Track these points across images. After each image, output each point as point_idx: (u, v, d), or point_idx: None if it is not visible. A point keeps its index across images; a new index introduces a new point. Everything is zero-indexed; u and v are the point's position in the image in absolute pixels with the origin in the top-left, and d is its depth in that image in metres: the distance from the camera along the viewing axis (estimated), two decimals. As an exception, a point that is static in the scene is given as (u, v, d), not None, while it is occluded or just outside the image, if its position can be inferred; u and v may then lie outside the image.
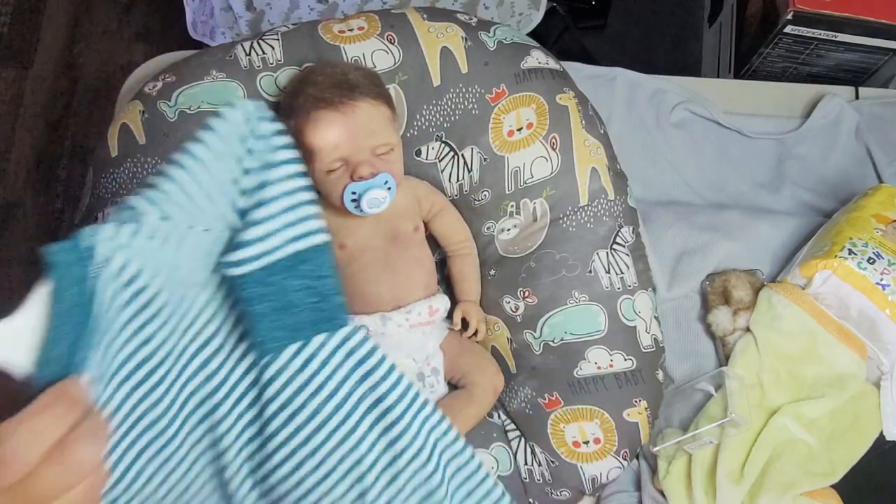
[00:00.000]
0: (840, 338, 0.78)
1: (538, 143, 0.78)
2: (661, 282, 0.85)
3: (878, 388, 0.78)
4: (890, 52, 1.05)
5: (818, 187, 0.96)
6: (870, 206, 0.82)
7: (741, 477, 0.75)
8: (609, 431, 0.75)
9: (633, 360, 0.76)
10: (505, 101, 0.78)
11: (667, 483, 0.78)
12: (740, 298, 0.82)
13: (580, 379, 0.75)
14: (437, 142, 0.81)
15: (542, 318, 0.77)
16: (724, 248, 0.86)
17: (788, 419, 0.76)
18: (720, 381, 0.79)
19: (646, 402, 0.76)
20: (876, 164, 0.97)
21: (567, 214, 0.77)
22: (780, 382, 0.78)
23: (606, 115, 0.89)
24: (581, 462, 0.75)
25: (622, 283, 0.76)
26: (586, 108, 0.80)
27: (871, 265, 0.76)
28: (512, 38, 0.80)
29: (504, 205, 0.79)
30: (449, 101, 0.79)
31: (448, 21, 0.80)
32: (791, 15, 1.01)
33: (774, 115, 1.00)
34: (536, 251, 0.78)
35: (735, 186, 0.96)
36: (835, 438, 0.76)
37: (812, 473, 0.75)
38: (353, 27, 0.79)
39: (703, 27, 1.34)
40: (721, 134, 0.98)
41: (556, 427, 0.76)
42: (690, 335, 0.85)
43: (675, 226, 0.88)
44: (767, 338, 0.79)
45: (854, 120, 0.98)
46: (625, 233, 0.78)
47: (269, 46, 0.79)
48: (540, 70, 0.79)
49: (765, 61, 1.12)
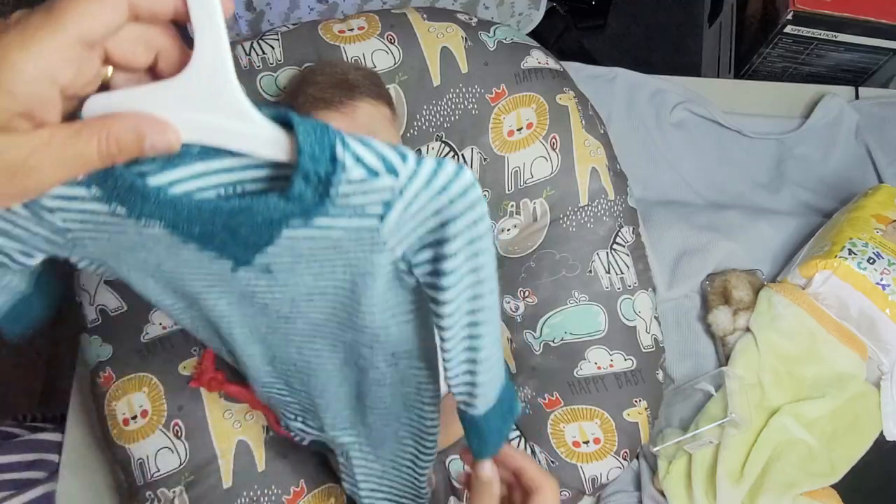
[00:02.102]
0: (840, 338, 0.78)
1: (538, 143, 0.78)
2: (661, 282, 0.85)
3: (878, 388, 0.78)
4: (890, 52, 1.05)
5: (818, 187, 0.96)
6: (870, 206, 0.82)
7: (741, 477, 0.75)
8: (609, 431, 0.75)
9: (633, 360, 0.76)
10: (505, 101, 0.78)
11: (667, 483, 0.78)
12: (740, 298, 0.82)
13: (580, 379, 0.75)
14: (437, 142, 0.81)
15: (543, 318, 0.77)
16: (724, 248, 0.86)
17: (788, 419, 0.76)
18: (720, 381, 0.79)
19: (646, 402, 0.76)
20: (876, 164, 0.97)
21: (567, 214, 0.77)
22: (780, 382, 0.78)
23: (606, 115, 0.89)
24: (581, 462, 0.75)
25: (622, 283, 0.76)
26: (586, 108, 0.80)
27: (871, 265, 0.76)
28: (512, 38, 0.80)
29: (504, 205, 0.79)
30: (449, 101, 0.79)
31: (448, 21, 0.80)
32: (791, 15, 1.01)
33: (774, 115, 1.00)
34: (536, 251, 0.78)
35: (735, 186, 0.96)
36: (835, 438, 0.76)
37: (812, 473, 0.75)
38: (353, 27, 0.79)
39: (703, 27, 1.34)
40: (721, 134, 0.98)
41: (556, 427, 0.76)
42: (690, 335, 0.85)
43: (675, 226, 0.88)
44: (767, 338, 0.79)
45: (854, 120, 0.98)
46: (625, 233, 0.78)
47: (269, 46, 0.79)
48: (540, 70, 0.79)
49: (765, 61, 1.12)
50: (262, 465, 0.74)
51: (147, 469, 0.72)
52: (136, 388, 0.74)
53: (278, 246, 0.43)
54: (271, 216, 0.41)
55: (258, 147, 0.39)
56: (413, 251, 0.43)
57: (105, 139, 0.35)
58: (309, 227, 0.41)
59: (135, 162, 0.39)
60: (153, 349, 0.75)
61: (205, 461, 0.73)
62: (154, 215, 0.41)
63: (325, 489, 0.75)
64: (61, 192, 0.40)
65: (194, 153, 0.39)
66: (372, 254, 0.44)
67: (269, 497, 0.73)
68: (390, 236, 0.42)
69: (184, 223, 0.41)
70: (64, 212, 0.41)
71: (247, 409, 0.75)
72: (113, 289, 0.76)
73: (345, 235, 0.42)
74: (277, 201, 0.40)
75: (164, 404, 0.73)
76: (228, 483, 0.73)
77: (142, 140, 0.36)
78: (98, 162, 0.36)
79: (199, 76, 0.36)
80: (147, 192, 0.40)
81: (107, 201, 0.40)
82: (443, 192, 0.40)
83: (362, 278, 0.45)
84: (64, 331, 1.56)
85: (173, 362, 0.75)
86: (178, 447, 0.73)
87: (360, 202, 0.40)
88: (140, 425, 0.73)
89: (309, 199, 0.40)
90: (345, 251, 0.44)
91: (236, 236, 0.42)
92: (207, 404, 0.74)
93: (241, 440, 0.74)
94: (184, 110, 0.37)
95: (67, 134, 0.35)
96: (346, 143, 0.38)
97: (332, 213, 0.41)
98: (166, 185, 0.40)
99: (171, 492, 0.72)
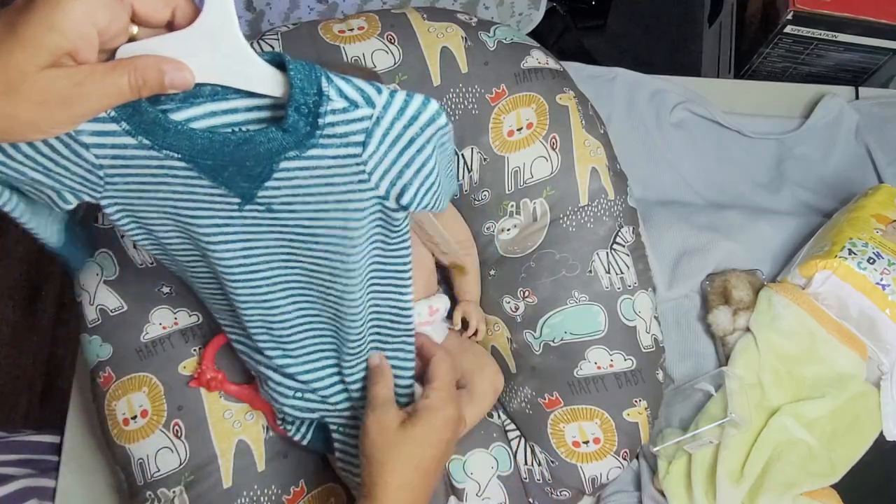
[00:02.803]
0: (840, 338, 0.78)
1: (538, 143, 0.78)
2: (661, 282, 0.85)
3: (878, 388, 0.78)
4: (890, 52, 1.05)
5: (818, 187, 0.96)
6: (870, 206, 0.82)
7: (741, 477, 0.75)
8: (609, 431, 0.75)
9: (633, 360, 0.76)
10: (505, 101, 0.78)
11: (667, 483, 0.78)
12: (740, 298, 0.82)
13: (580, 379, 0.75)
14: (437, 142, 0.81)
15: (542, 318, 0.77)
16: (724, 248, 0.86)
17: (788, 419, 0.76)
18: (720, 381, 0.79)
19: (646, 402, 0.76)
20: (876, 164, 0.97)
21: (567, 214, 0.77)
22: (780, 382, 0.78)
23: (606, 115, 0.89)
24: (581, 462, 0.75)
25: (622, 283, 0.76)
26: (586, 108, 0.80)
27: (871, 265, 0.76)
28: (512, 38, 0.80)
29: (504, 205, 0.79)
30: (449, 101, 0.79)
31: (448, 21, 0.80)
32: (791, 15, 1.01)
33: (774, 115, 1.00)
34: (536, 251, 0.78)
35: (735, 186, 0.96)
36: (835, 438, 0.76)
37: (812, 473, 0.75)
38: (353, 27, 0.79)
39: (703, 27, 1.34)
40: (721, 134, 0.98)
41: (556, 427, 0.76)
42: (690, 335, 0.85)
43: (675, 226, 0.88)
44: (767, 338, 0.79)
45: (854, 120, 0.98)
46: (625, 233, 0.78)
47: (269, 46, 0.79)
48: (540, 70, 0.79)
49: (765, 61, 1.12)
50: (262, 465, 0.74)
51: (147, 469, 0.72)
52: (136, 388, 0.74)
53: (278, 180, 0.50)
54: (271, 147, 0.48)
55: (259, 84, 0.46)
56: (392, 182, 0.51)
57: (133, 74, 0.43)
58: (303, 158, 0.49)
59: (158, 101, 0.47)
60: (153, 349, 0.75)
61: (205, 461, 0.73)
62: (174, 146, 0.48)
63: (325, 489, 0.75)
64: (96, 127, 0.47)
65: (206, 93, 0.47)
66: (359, 189, 0.51)
67: (269, 497, 0.73)
68: (373, 166, 0.50)
69: (199, 154, 0.48)
70: (98, 147, 0.48)
71: (247, 409, 0.75)
72: (113, 289, 0.76)
73: (335, 166, 0.49)
74: (276, 132, 0.47)
75: (163, 404, 0.73)
76: (228, 483, 0.73)
77: (162, 76, 0.44)
78: (129, 93, 0.44)
79: (209, 26, 0.44)
80: (168, 125, 0.47)
81: (134, 135, 0.48)
82: (414, 120, 0.48)
83: (353, 216, 0.52)
84: (64, 331, 1.57)
85: (173, 362, 0.75)
86: (178, 447, 0.73)
87: (344, 131, 0.48)
88: (140, 425, 0.73)
89: (301, 129, 0.47)
90: (335, 186, 0.50)
91: (242, 169, 0.49)
92: (207, 404, 0.74)
93: (241, 440, 0.74)
94: (196, 55, 0.45)
95: (105, 69, 0.43)
96: (329, 78, 0.46)
97: (322, 143, 0.48)
98: (184, 121, 0.48)
99: (171, 492, 0.72)
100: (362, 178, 0.50)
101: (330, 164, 0.49)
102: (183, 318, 0.77)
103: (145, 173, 0.50)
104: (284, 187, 0.51)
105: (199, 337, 0.76)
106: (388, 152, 0.49)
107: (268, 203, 0.52)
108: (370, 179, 0.50)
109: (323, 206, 0.52)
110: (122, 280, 0.76)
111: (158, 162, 0.49)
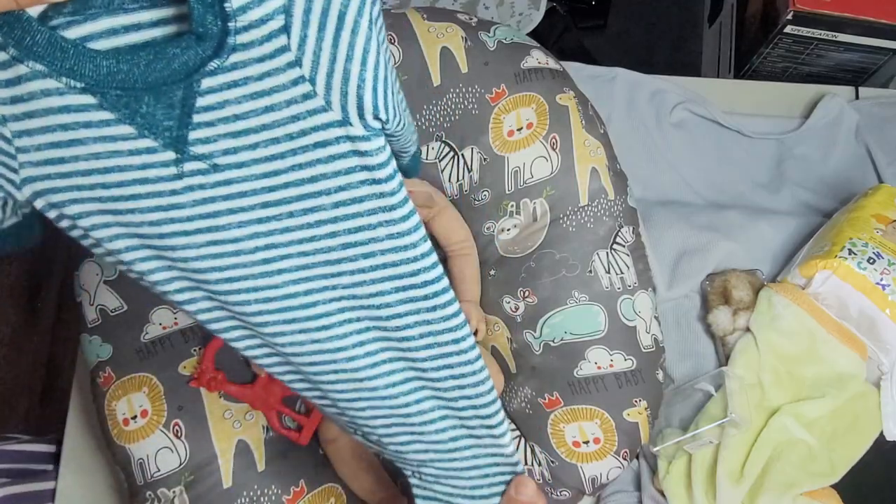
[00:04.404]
0: (840, 338, 0.78)
1: (538, 143, 0.78)
2: (661, 282, 0.85)
3: (878, 388, 0.78)
4: (890, 52, 1.05)
5: (818, 187, 0.96)
6: (870, 206, 0.82)
7: (741, 477, 0.75)
8: (609, 431, 0.75)
9: (633, 360, 0.76)
10: (505, 101, 0.78)
11: (667, 483, 0.78)
12: (740, 298, 0.82)
13: (580, 379, 0.75)
14: (437, 142, 0.81)
15: (542, 318, 0.77)
16: (724, 248, 0.86)
17: (788, 419, 0.76)
18: (720, 381, 0.79)
19: (646, 402, 0.76)
20: (876, 164, 0.97)
21: (567, 214, 0.77)
22: (780, 382, 0.78)
23: (606, 115, 0.89)
24: (581, 462, 0.75)
25: (622, 283, 0.76)
26: (586, 108, 0.80)
27: (871, 265, 0.76)
28: (512, 38, 0.80)
29: (504, 205, 0.79)
30: (449, 101, 0.79)
31: (448, 21, 0.80)
32: (791, 15, 1.01)
33: (774, 115, 1.00)
34: (536, 251, 0.78)
35: (735, 186, 0.96)
36: (835, 438, 0.76)
37: (812, 473, 0.75)
38: (353, 27, 0.79)
39: (703, 27, 1.34)
40: (721, 134, 0.98)
41: (556, 427, 0.76)
42: (690, 335, 0.85)
43: (675, 226, 0.88)
44: (767, 338, 0.79)
45: (854, 120, 0.98)
46: (625, 233, 0.78)
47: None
48: (540, 70, 0.79)
49: (765, 61, 1.12)
50: (262, 465, 0.74)
51: (147, 469, 0.73)
52: (136, 388, 0.74)
53: (208, 111, 0.42)
54: (186, 59, 0.41)
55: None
56: (341, 89, 0.42)
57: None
58: (227, 70, 0.41)
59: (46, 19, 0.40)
60: (153, 349, 0.75)
61: (205, 461, 0.73)
62: (74, 72, 0.41)
63: (325, 489, 0.75)
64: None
65: (98, 3, 0.40)
66: (308, 114, 0.42)
67: (269, 497, 0.73)
68: (310, 66, 0.42)
69: (105, 81, 0.41)
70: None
71: (247, 409, 0.75)
72: (113, 289, 0.76)
73: (266, 74, 0.42)
74: (188, 39, 0.40)
75: (164, 404, 0.73)
76: (228, 483, 0.73)
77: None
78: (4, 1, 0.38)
79: None
80: (65, 45, 0.40)
81: (24, 60, 0.41)
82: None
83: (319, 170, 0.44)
84: (64, 331, 1.57)
85: (173, 362, 0.75)
86: (178, 447, 0.73)
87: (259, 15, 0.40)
88: (140, 425, 0.73)
89: (211, 26, 0.40)
90: (279, 112, 0.43)
91: (160, 98, 0.42)
92: (207, 404, 0.74)
93: (241, 440, 0.74)
94: None
95: None
96: None
97: (241, 41, 0.41)
98: (81, 39, 0.41)
99: (171, 492, 0.72)
100: (306, 93, 0.42)
101: (260, 73, 0.41)
102: (183, 318, 0.77)
103: (53, 124, 0.42)
104: (219, 122, 0.43)
105: (199, 337, 0.76)
106: (321, 39, 0.41)
107: (209, 156, 0.43)
108: (316, 93, 0.42)
109: (275, 153, 0.43)
110: (122, 280, 0.76)
111: (60, 101, 0.41)
